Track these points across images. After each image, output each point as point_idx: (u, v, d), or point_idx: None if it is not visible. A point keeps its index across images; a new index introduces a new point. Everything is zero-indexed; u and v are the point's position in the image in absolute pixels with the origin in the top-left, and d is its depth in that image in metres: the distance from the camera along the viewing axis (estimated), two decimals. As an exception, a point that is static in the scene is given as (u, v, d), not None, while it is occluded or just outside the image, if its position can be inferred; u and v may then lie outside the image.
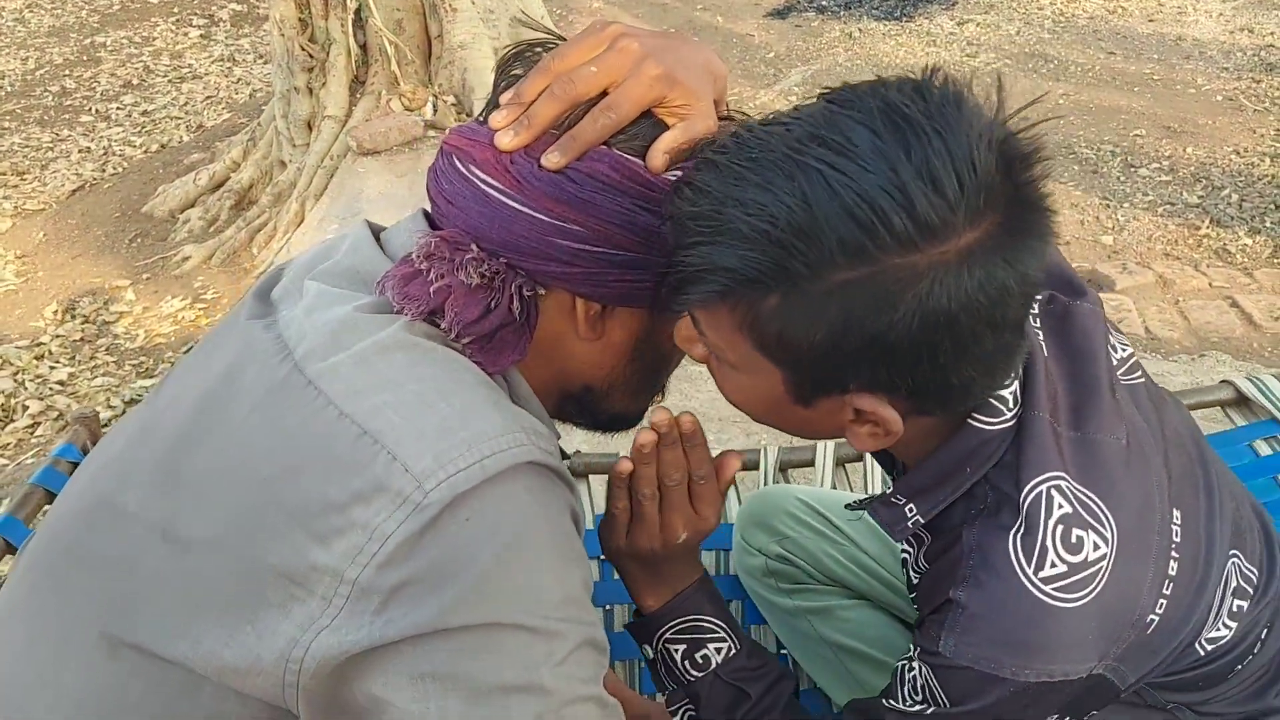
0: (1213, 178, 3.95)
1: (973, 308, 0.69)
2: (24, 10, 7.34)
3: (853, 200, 0.66)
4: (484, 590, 0.72)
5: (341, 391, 0.75)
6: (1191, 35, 5.52)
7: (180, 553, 0.75)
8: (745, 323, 0.74)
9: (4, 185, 4.99)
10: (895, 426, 0.78)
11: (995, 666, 0.79)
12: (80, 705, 0.78)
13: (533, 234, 0.79)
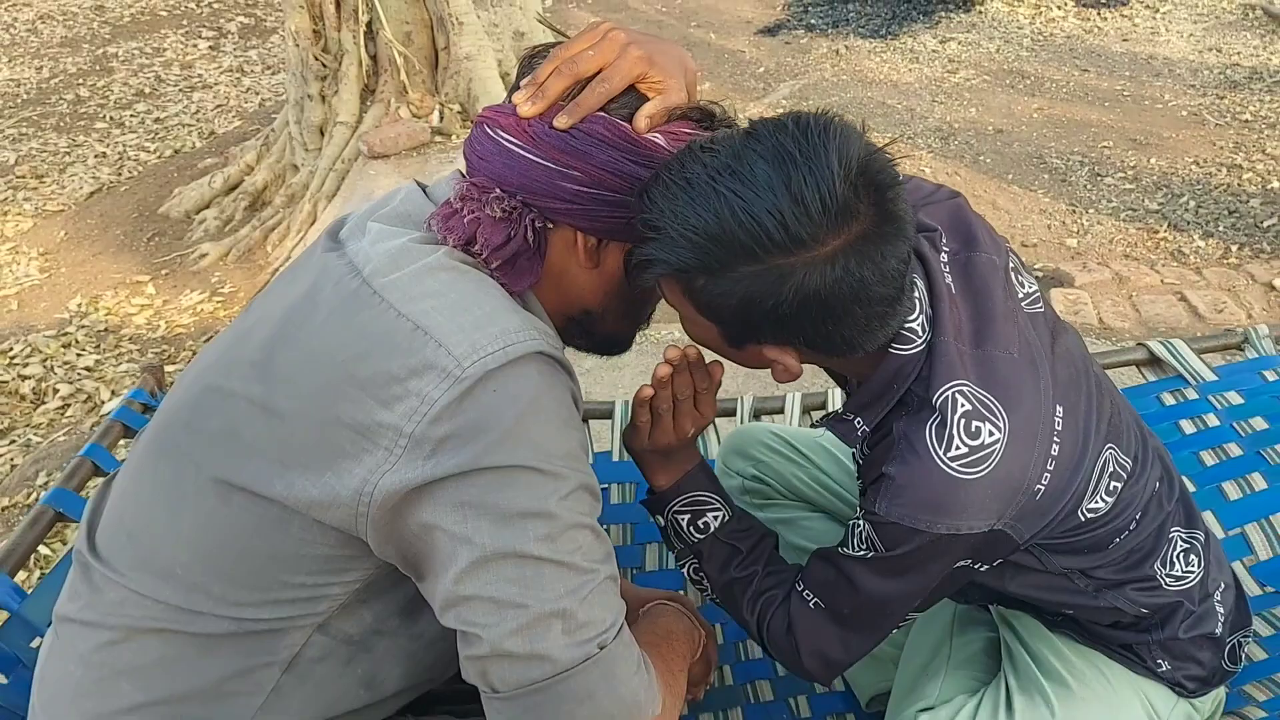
0: (1173, 186, 4.17)
1: (837, 293, 0.96)
2: (36, 22, 7.53)
3: (747, 219, 0.93)
4: (507, 441, 0.93)
5: (400, 298, 0.96)
6: (1163, 54, 5.73)
7: (277, 421, 0.96)
8: (685, 293, 1.01)
9: (24, 188, 5.14)
10: (796, 370, 1.07)
11: (915, 522, 1.02)
12: (196, 541, 1.00)
13: (543, 178, 1.01)
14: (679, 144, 1.02)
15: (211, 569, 1.00)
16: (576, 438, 1.00)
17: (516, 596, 0.93)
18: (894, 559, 1.06)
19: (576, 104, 1.01)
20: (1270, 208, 3.88)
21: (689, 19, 6.80)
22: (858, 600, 1.13)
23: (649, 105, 1.02)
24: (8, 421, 3.36)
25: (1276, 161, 4.26)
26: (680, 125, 1.04)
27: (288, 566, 1.00)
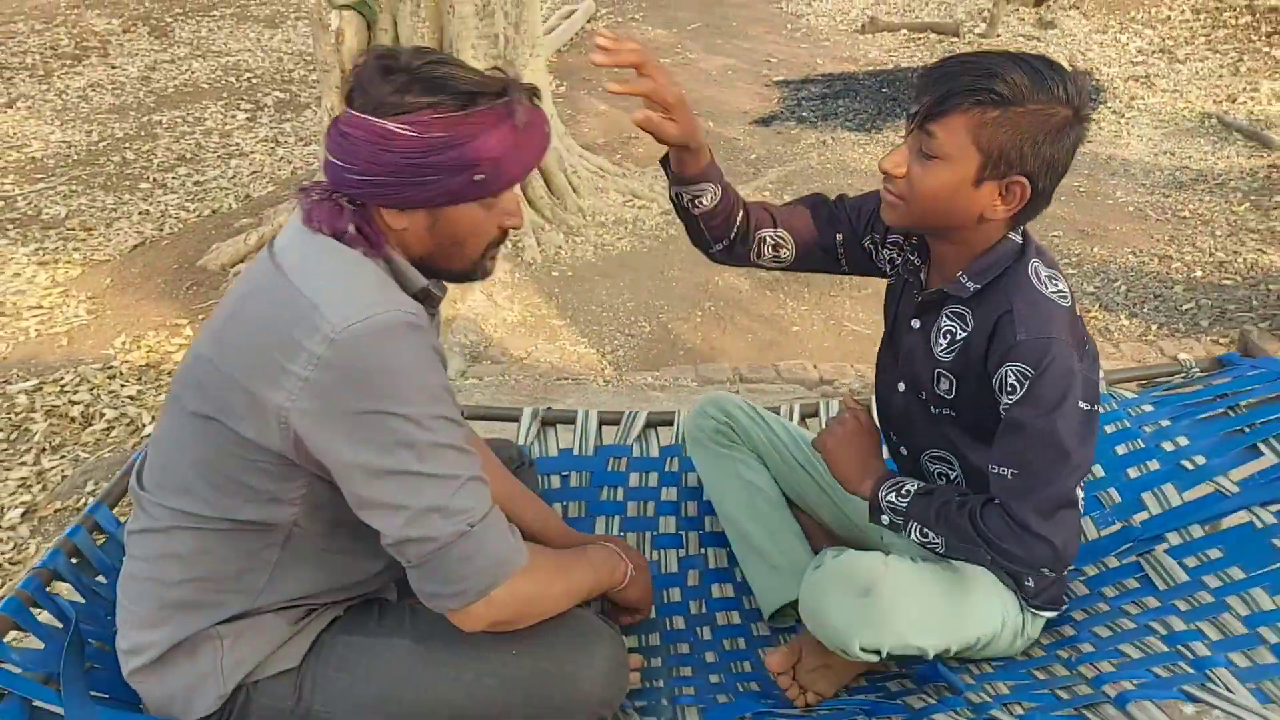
0: (1109, 272, 4.61)
1: (1069, 151, 1.44)
2: (88, 89, 7.98)
3: (1053, 71, 1.43)
4: (378, 389, 1.27)
5: (300, 279, 1.31)
6: (1121, 155, 6.21)
7: (224, 374, 1.33)
8: (973, 126, 1.42)
9: (74, 239, 5.50)
10: (1018, 203, 1.48)
11: (1044, 331, 1.46)
12: (194, 461, 1.38)
13: (337, 175, 1.35)
14: (427, 130, 1.30)
15: (204, 481, 1.37)
16: (434, 379, 1.33)
17: (402, 500, 1.29)
18: (1043, 377, 1.45)
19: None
20: (1190, 294, 4.32)
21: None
22: (1034, 438, 1.46)
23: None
24: (59, 440, 3.76)
25: (1203, 254, 4.71)
26: (428, 114, 1.31)
27: (252, 474, 1.35)
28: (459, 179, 1.35)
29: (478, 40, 4.99)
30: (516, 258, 4.73)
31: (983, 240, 1.53)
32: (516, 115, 1.37)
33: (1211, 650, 1.57)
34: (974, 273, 1.54)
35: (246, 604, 1.42)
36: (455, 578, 1.32)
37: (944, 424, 1.66)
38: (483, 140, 1.34)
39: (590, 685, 1.45)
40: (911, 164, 1.49)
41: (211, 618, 1.41)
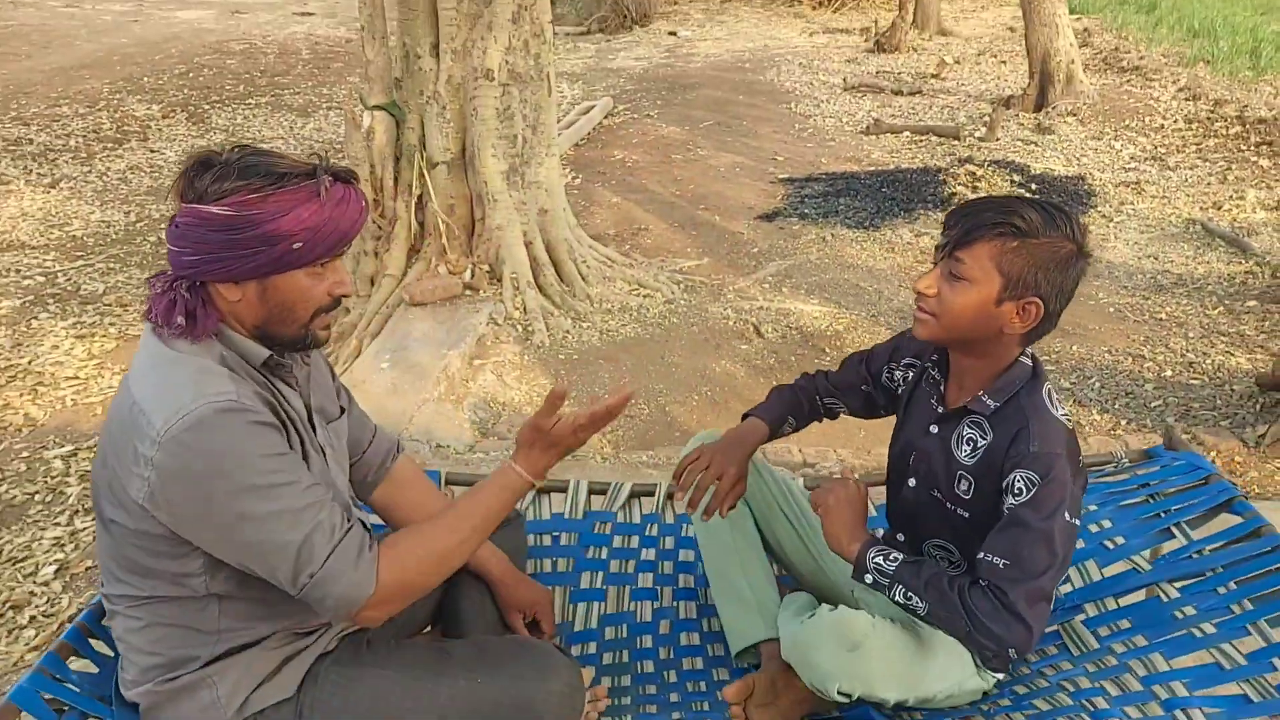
0: (1086, 369, 4.87)
1: (1074, 278, 1.74)
2: (127, 172, 8.31)
3: (1063, 216, 1.75)
4: (208, 476, 1.46)
5: (135, 390, 1.51)
6: (1106, 258, 6.47)
7: (102, 477, 1.57)
8: (995, 254, 1.72)
9: (110, 314, 5.72)
10: (1033, 321, 1.76)
11: (1053, 446, 1.74)
12: (103, 552, 1.63)
13: (176, 259, 1.54)
14: (241, 208, 1.49)
15: (126, 570, 1.60)
16: (250, 456, 1.49)
17: (255, 563, 1.52)
18: (1048, 486, 1.71)
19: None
20: (1159, 392, 4.58)
21: (699, 202, 7.60)
22: (1031, 537, 1.68)
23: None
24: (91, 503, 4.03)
25: (1174, 355, 4.97)
26: (243, 194, 1.50)
27: (153, 559, 1.56)
28: (278, 249, 1.53)
29: (498, 140, 5.35)
30: (526, 340, 5.03)
31: (1001, 357, 1.83)
32: (324, 192, 1.55)
33: (1110, 704, 1.81)
34: (994, 391, 1.84)
35: (214, 652, 1.65)
36: (322, 611, 1.59)
37: (955, 520, 1.93)
38: (294, 214, 1.53)
39: (547, 708, 1.69)
40: (942, 285, 1.79)
41: (190, 666, 1.65)
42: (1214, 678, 1.82)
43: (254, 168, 1.53)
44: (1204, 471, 2.30)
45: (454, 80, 5.33)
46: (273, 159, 1.56)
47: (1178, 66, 11.39)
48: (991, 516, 1.82)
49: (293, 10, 17.86)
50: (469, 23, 5.24)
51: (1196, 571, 2.06)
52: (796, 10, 17.56)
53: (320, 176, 1.57)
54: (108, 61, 12.20)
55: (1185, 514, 2.21)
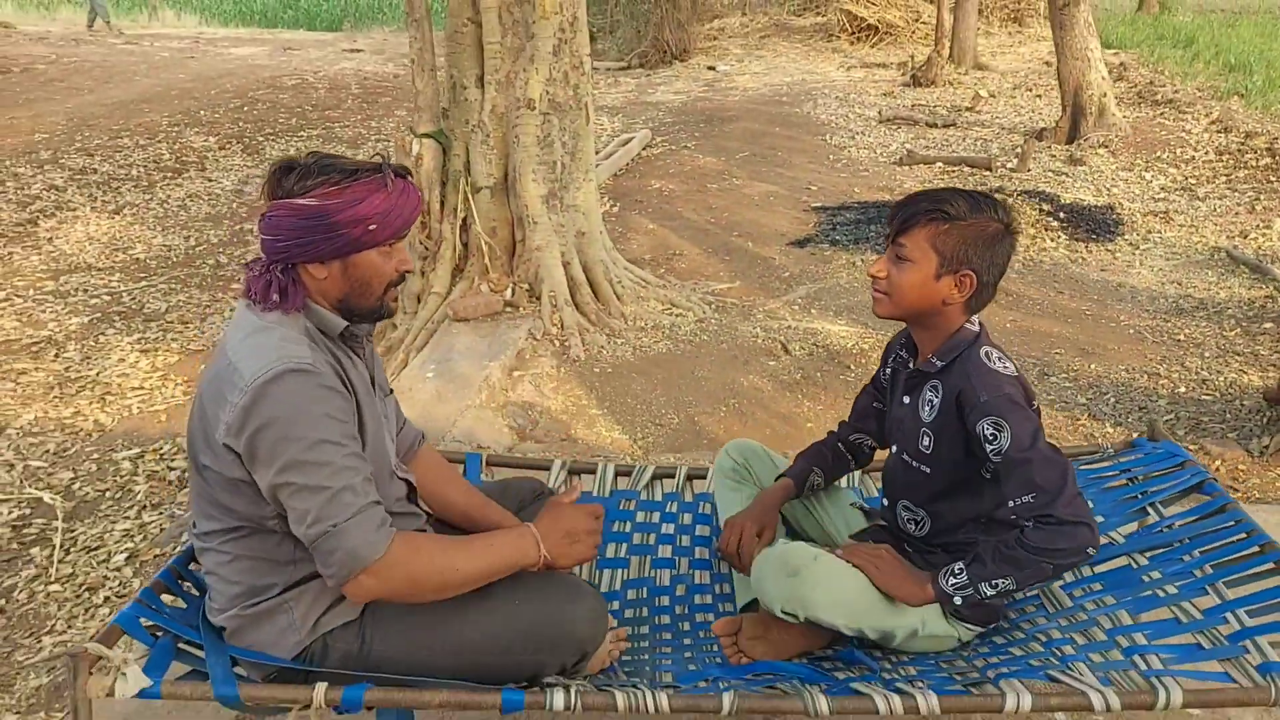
0: (1102, 386, 5.04)
1: (1006, 253, 2.01)
2: (186, 200, 8.69)
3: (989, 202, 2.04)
4: (275, 424, 1.72)
5: (231, 350, 1.79)
6: (1130, 284, 6.64)
7: (197, 424, 1.85)
8: (930, 236, 1.99)
9: (172, 330, 6.03)
10: (969, 291, 2.02)
11: (1000, 384, 1.98)
12: (196, 494, 1.91)
13: (269, 245, 1.83)
14: (324, 199, 1.79)
15: (214, 507, 1.87)
16: (314, 413, 1.75)
17: (290, 505, 1.75)
18: (1014, 421, 1.94)
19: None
20: (1172, 407, 4.74)
21: (732, 229, 7.84)
22: (1034, 466, 1.90)
23: None
24: (158, 499, 4.30)
25: (1189, 373, 5.14)
26: (323, 188, 1.80)
27: (233, 498, 1.83)
28: (355, 231, 1.84)
29: (538, 166, 5.64)
30: (563, 354, 5.29)
31: (946, 326, 2.09)
32: (390, 184, 1.86)
33: (1077, 651, 2.01)
34: (939, 354, 2.10)
35: (289, 580, 1.92)
36: (326, 564, 1.80)
37: (917, 477, 2.19)
38: (368, 202, 1.84)
39: (575, 626, 1.94)
40: (890, 268, 2.07)
41: (270, 593, 1.91)
42: (1172, 630, 2.02)
43: (330, 166, 1.84)
44: (1180, 458, 2.50)
45: (497, 110, 5.63)
46: (342, 160, 1.87)
47: (1211, 100, 11.53)
48: (954, 468, 2.07)
49: (342, 48, 18.44)
50: (512, 55, 5.55)
51: (1166, 543, 2.27)
52: (835, 45, 17.87)
53: (385, 171, 1.87)
54: (166, 96, 12.71)
55: (1160, 495, 2.42)
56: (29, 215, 8.12)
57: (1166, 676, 1.85)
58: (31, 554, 3.83)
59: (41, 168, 9.32)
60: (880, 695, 1.80)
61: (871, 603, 2.05)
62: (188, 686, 1.80)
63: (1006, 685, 1.84)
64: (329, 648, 1.92)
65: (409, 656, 1.93)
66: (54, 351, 5.71)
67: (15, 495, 4.25)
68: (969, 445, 2.04)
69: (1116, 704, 1.77)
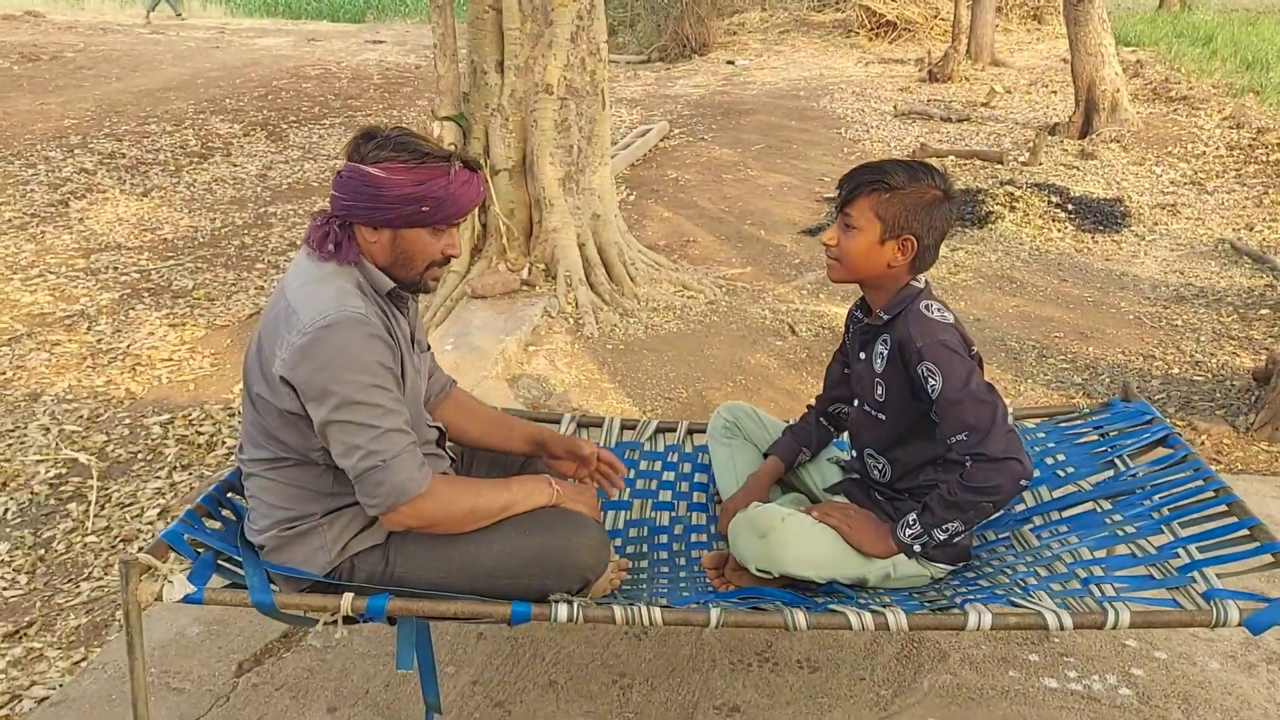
0: (1098, 368, 5.19)
1: (946, 217, 2.19)
2: (212, 183, 8.89)
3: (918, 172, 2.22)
4: (330, 365, 1.88)
5: (290, 295, 1.97)
6: (1134, 273, 6.76)
7: (254, 359, 2.04)
8: (873, 205, 2.18)
9: (199, 306, 6.22)
10: (912, 254, 2.20)
11: (935, 330, 2.15)
12: (247, 422, 2.10)
13: (336, 201, 2.00)
14: (390, 173, 1.93)
15: (263, 436, 2.05)
16: (365, 359, 1.91)
17: (341, 440, 1.92)
18: (947, 362, 2.11)
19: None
20: (1164, 387, 4.89)
21: (745, 218, 8.00)
22: (965, 406, 2.07)
23: None
24: (188, 460, 4.49)
25: (1183, 355, 5.28)
26: (393, 163, 1.95)
27: (283, 429, 2.01)
28: (410, 208, 2.00)
29: (555, 150, 5.82)
30: (577, 331, 5.47)
31: (893, 285, 2.25)
32: (453, 174, 2.02)
33: (1039, 582, 2.18)
34: (885, 308, 2.26)
35: (327, 507, 2.11)
36: (372, 494, 1.98)
37: (876, 425, 2.36)
38: (429, 185, 1.99)
39: (579, 555, 2.12)
40: (840, 236, 2.25)
41: (308, 519, 2.10)
42: (1127, 564, 2.19)
43: (405, 145, 2.00)
44: (1149, 415, 2.67)
45: (516, 94, 5.81)
46: (419, 140, 2.04)
47: (1226, 97, 11.59)
48: (905, 413, 2.26)
49: (365, 38, 18.64)
50: (531, 42, 5.73)
51: (1129, 490, 2.43)
52: (853, 41, 17.97)
53: (453, 161, 2.04)
54: (192, 84, 12.92)
55: (1128, 449, 2.58)
56: (60, 197, 8.32)
57: (1118, 602, 2.01)
58: (69, 509, 4.03)
59: (72, 152, 9.53)
60: (854, 613, 1.98)
61: (839, 555, 2.25)
62: (228, 594, 1.99)
63: (970, 608, 2.02)
64: (356, 567, 2.11)
65: (427, 577, 2.12)
66: (86, 324, 5.92)
67: (52, 456, 4.45)
68: (914, 390, 2.22)
69: (1069, 624, 1.95)
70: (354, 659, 2.76)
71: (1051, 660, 2.66)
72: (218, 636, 2.85)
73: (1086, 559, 2.24)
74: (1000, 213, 7.83)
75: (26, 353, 5.54)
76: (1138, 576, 2.14)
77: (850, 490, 2.49)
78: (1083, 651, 2.68)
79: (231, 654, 2.79)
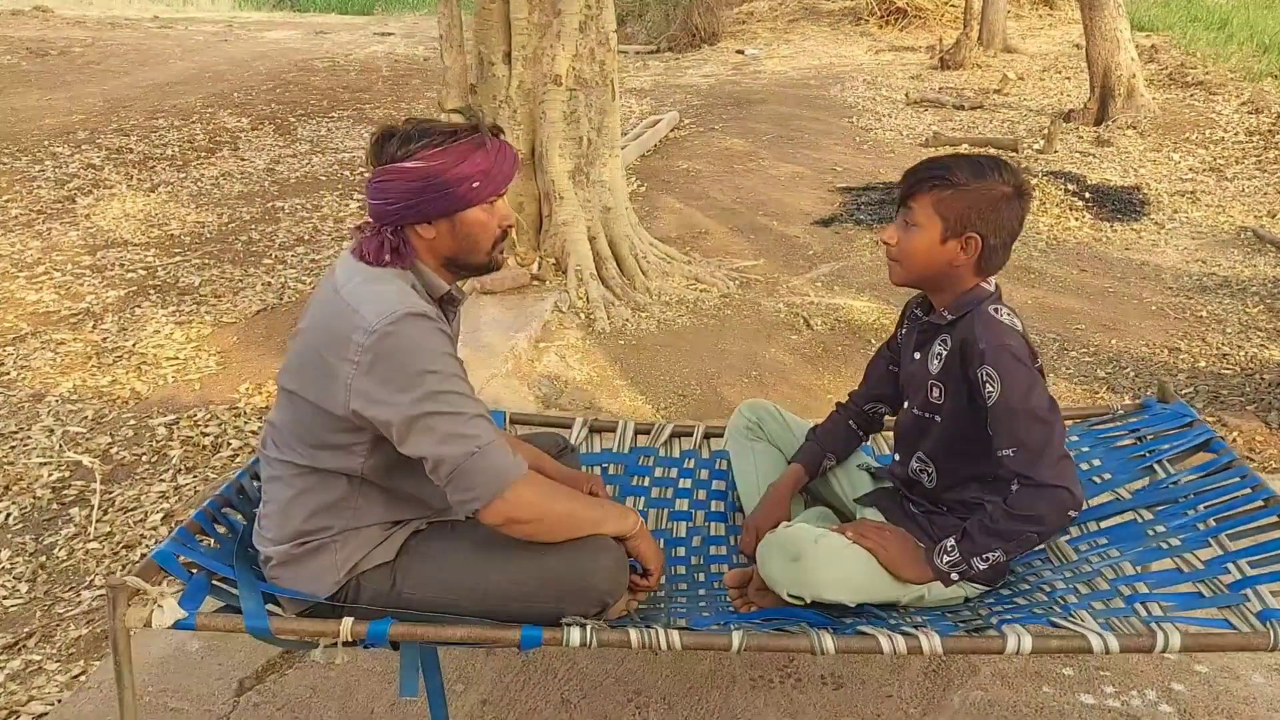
0: (1122, 361, 5.06)
1: (1014, 215, 2.07)
2: (219, 178, 8.77)
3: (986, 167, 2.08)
4: (401, 362, 1.79)
5: (348, 295, 1.87)
6: (1155, 262, 6.63)
7: (303, 358, 1.93)
8: (934, 201, 2.05)
9: (205, 304, 6.12)
10: (976, 253, 2.07)
11: (1001, 336, 2.02)
12: (287, 423, 1.98)
13: (379, 208, 1.91)
14: (428, 160, 1.87)
15: (297, 439, 1.95)
16: (442, 351, 1.85)
17: (430, 432, 1.81)
18: (1010, 371, 2.00)
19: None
20: (1191, 381, 4.76)
21: (758, 209, 7.87)
22: (1023, 420, 1.96)
23: None
24: (193, 463, 4.40)
25: (1210, 348, 5.15)
26: (425, 151, 1.88)
27: (327, 433, 1.91)
28: (460, 189, 1.92)
29: (564, 142, 5.71)
30: (588, 327, 5.37)
31: (959, 285, 2.13)
32: (487, 143, 1.95)
33: (1079, 600, 2.07)
34: (950, 309, 2.14)
35: (346, 525, 2.00)
36: (472, 485, 1.87)
37: (930, 428, 2.23)
38: (470, 161, 1.92)
39: (597, 578, 2.00)
40: (900, 234, 2.13)
41: (323, 535, 2.00)
42: (1173, 579, 2.08)
43: (429, 129, 1.93)
44: (1189, 418, 2.55)
45: (524, 85, 5.70)
46: (438, 124, 1.96)
47: (1244, 81, 11.41)
48: (960, 418, 2.12)
49: (373, 31, 18.53)
50: (539, 32, 5.62)
51: (1172, 498, 2.31)
52: (863, 29, 17.78)
53: (482, 130, 1.96)
54: (200, 78, 12.84)
55: (1168, 453, 2.46)
56: (67, 193, 8.24)
57: (1166, 623, 1.90)
58: (71, 514, 3.95)
59: (79, 147, 9.45)
60: (885, 636, 1.87)
61: (874, 578, 2.12)
62: (221, 618, 1.89)
63: (1008, 629, 1.90)
64: (361, 587, 2.01)
65: (436, 598, 2.01)
66: (92, 323, 5.83)
67: (55, 459, 4.37)
68: (970, 394, 2.09)
69: (1115, 646, 1.83)
70: (360, 675, 2.66)
71: (1087, 675, 2.54)
72: (218, 653, 2.75)
73: (1129, 574, 2.12)
74: (1017, 202, 7.67)
75: (31, 352, 5.46)
76: (1185, 594, 2.02)
77: (882, 501, 2.37)
78: (1120, 666, 2.57)
79: (233, 671, 2.69)
